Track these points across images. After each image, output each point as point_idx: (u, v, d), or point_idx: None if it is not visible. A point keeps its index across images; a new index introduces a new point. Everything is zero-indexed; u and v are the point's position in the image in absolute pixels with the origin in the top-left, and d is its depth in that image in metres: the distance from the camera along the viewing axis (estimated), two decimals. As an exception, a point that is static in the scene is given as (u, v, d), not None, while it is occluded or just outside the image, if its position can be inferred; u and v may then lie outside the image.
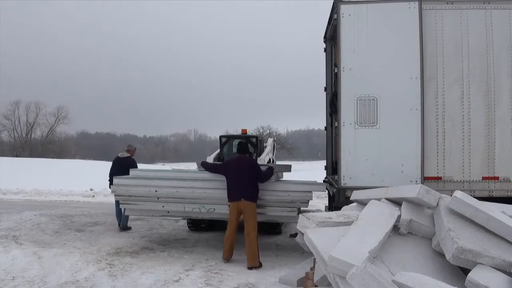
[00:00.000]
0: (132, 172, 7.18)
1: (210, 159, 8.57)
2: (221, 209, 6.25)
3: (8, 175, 18.72)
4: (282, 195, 6.18)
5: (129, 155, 8.81)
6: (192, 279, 5.21)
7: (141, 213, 6.89)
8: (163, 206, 6.47)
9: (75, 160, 40.04)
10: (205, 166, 6.45)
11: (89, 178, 18.44)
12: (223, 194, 6.14)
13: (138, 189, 6.54)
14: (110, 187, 7.39)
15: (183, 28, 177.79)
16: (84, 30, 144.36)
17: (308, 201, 6.26)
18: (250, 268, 5.67)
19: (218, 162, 7.92)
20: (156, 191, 6.40)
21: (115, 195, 6.94)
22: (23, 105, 59.31)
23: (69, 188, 16.17)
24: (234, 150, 9.68)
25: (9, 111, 58.22)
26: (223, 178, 6.19)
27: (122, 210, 7.35)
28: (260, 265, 5.78)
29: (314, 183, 6.46)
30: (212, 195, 6.26)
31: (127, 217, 8.16)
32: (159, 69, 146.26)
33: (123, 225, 8.33)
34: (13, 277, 5.15)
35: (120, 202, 6.89)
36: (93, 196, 14.81)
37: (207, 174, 6.56)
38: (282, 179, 6.93)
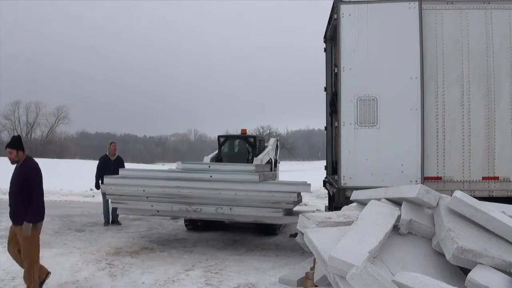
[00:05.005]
0: (122, 171, 7.25)
1: (207, 159, 8.61)
2: (207, 209, 6.28)
3: (8, 175, 18.63)
4: (266, 195, 6.13)
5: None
6: (192, 279, 5.21)
7: (132, 212, 6.97)
8: (152, 206, 6.51)
9: (75, 160, 40.01)
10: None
11: (89, 178, 18.36)
12: (208, 194, 6.18)
13: (127, 189, 6.60)
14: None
15: (183, 28, 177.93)
16: (84, 30, 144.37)
17: (294, 201, 6.15)
18: None
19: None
20: (143, 190, 6.44)
21: (106, 194, 7.04)
22: (23, 105, 59.38)
23: (69, 188, 16.14)
24: (235, 150, 9.71)
25: (9, 111, 58.28)
26: (207, 178, 6.20)
27: (110, 208, 8.29)
28: None
29: (298, 183, 6.35)
30: (197, 195, 6.28)
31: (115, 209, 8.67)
32: (159, 69, 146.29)
33: (114, 218, 8.85)
34: (13, 277, 5.15)
35: (111, 201, 6.97)
36: (93, 196, 14.78)
37: (193, 174, 6.58)
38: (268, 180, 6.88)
